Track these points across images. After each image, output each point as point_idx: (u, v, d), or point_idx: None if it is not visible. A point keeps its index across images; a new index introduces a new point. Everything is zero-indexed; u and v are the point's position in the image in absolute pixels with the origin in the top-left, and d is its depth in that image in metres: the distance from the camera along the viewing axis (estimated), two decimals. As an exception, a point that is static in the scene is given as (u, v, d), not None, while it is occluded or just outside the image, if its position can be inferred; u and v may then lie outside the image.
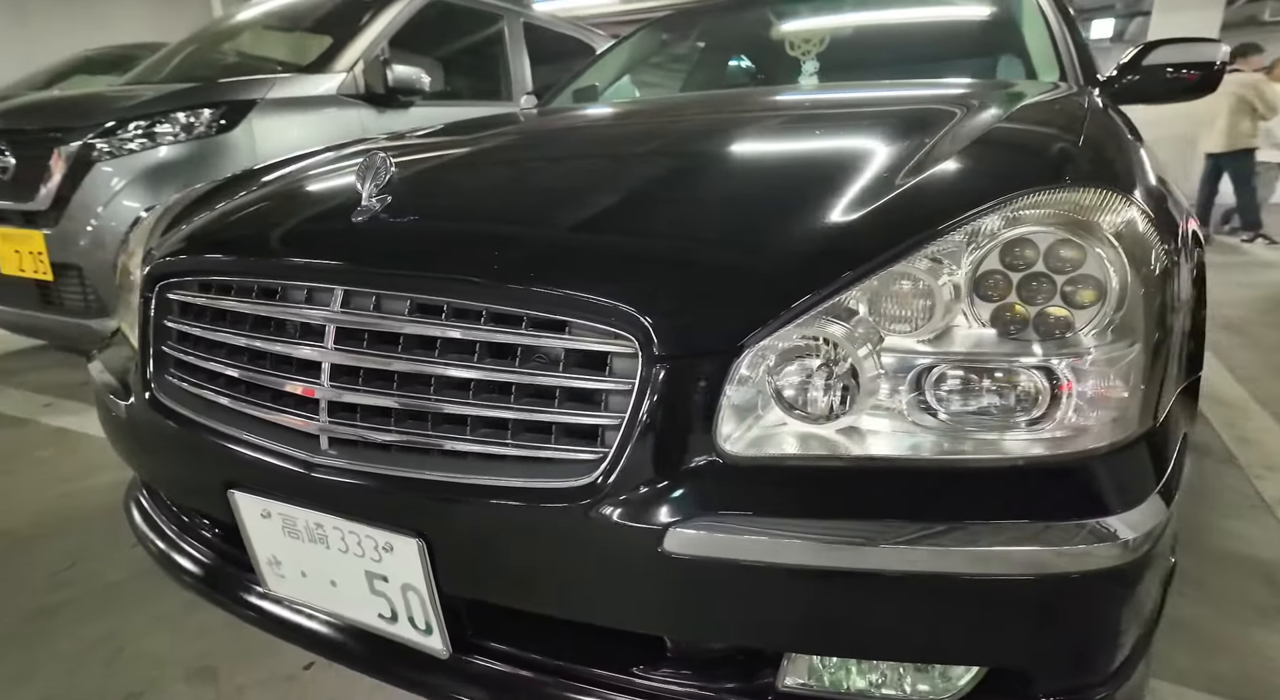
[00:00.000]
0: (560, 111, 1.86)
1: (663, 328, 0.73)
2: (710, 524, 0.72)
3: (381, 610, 0.90)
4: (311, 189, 1.09)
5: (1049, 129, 1.07)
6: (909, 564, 0.69)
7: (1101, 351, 0.74)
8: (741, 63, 2.71)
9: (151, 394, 1.03)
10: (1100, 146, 0.97)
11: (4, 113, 2.68)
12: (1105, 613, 0.73)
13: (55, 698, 1.10)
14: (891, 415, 0.75)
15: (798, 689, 0.80)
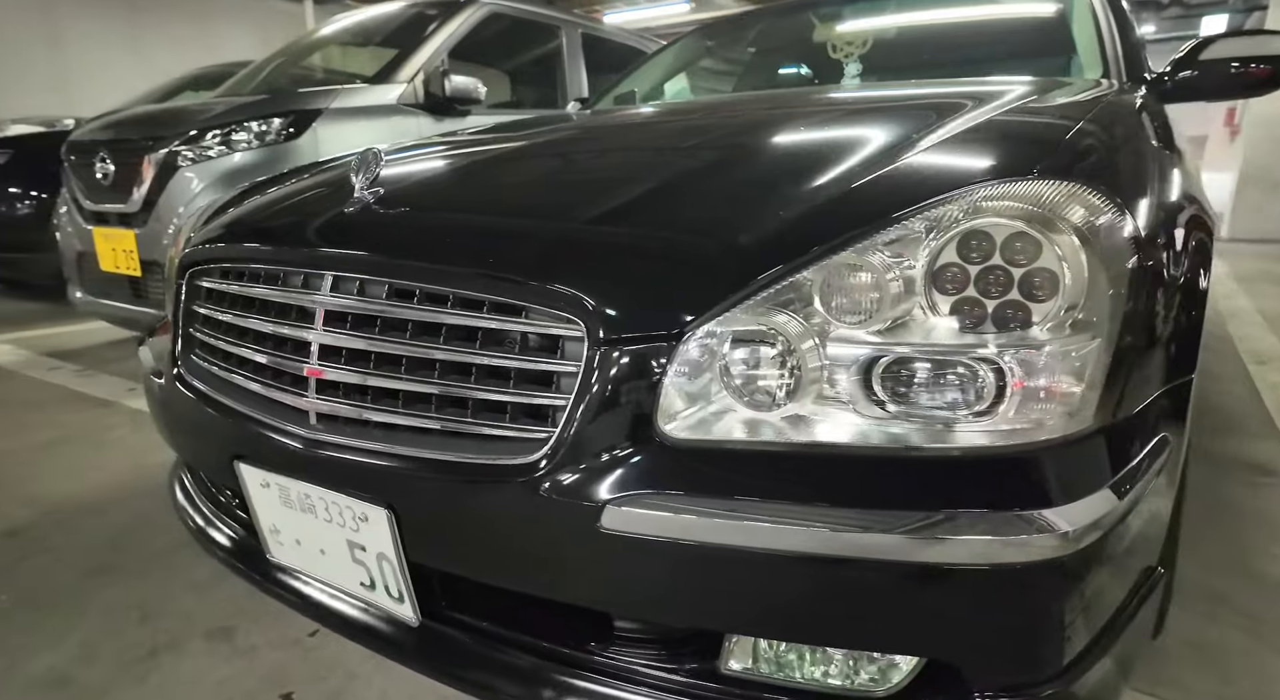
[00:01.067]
0: (560, 118, 1.91)
1: (607, 313, 0.76)
2: (647, 503, 0.74)
3: (362, 578, 0.95)
4: (321, 185, 1.17)
5: (1041, 123, 1.05)
6: (840, 549, 0.70)
7: (1057, 346, 0.72)
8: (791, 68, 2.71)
9: (178, 372, 1.13)
10: (1091, 142, 0.94)
11: (105, 126, 2.95)
12: (1045, 606, 0.71)
13: (92, 644, 1.22)
14: (837, 404, 0.75)
15: (741, 674, 0.81)
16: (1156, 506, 0.87)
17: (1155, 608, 0.92)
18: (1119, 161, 0.92)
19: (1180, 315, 0.87)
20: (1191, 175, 1.39)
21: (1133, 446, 0.78)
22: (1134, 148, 1.00)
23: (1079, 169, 0.84)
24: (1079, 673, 0.76)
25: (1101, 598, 0.79)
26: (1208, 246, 1.00)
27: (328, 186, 1.14)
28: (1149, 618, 0.91)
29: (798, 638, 0.77)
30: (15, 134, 4.22)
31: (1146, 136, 1.11)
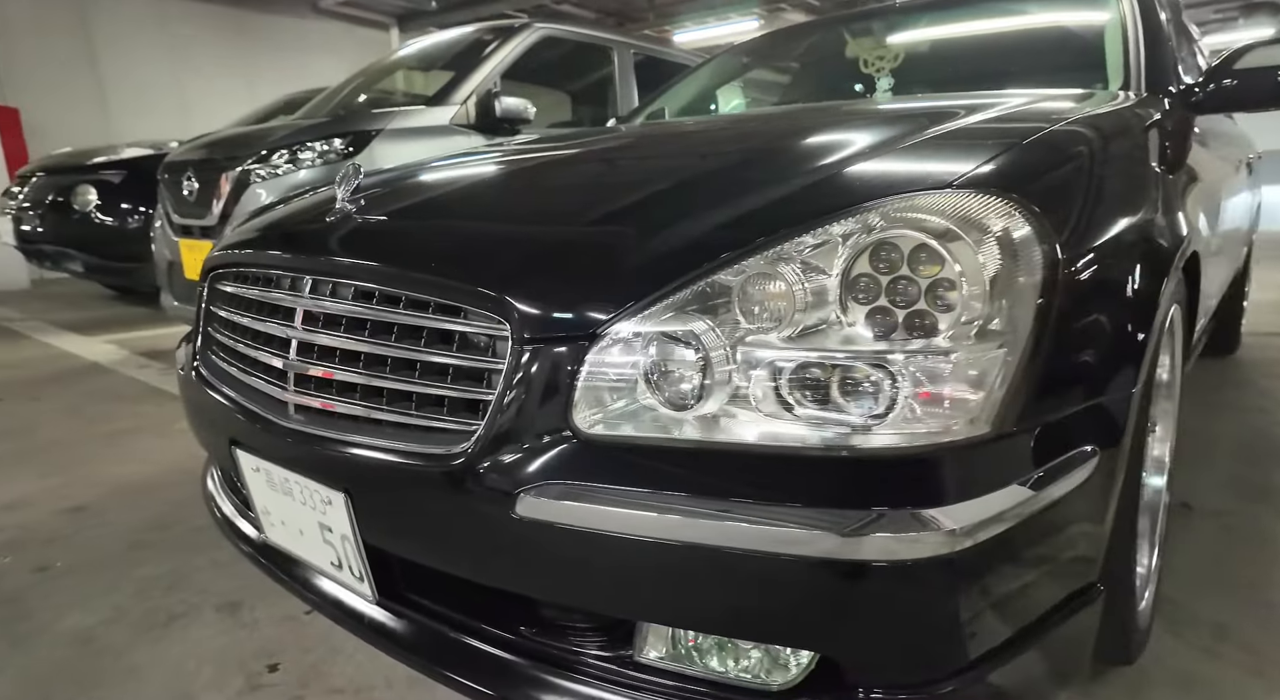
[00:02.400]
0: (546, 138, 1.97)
1: (529, 314, 0.81)
2: (558, 492, 0.79)
3: (331, 558, 1.03)
4: (317, 199, 1.28)
5: (992, 136, 1.04)
6: (733, 542, 0.72)
7: (960, 354, 0.73)
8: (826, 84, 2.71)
9: (197, 367, 1.26)
10: (1028, 156, 0.93)
11: (193, 147, 3.25)
12: (936, 603, 0.72)
13: (121, 608, 1.36)
14: (747, 406, 0.78)
15: (654, 662, 0.84)
16: (1084, 520, 0.85)
17: (1092, 624, 0.89)
18: (1056, 176, 0.91)
19: (1113, 333, 0.86)
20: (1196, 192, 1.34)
21: (1041, 455, 0.77)
22: (1091, 163, 0.98)
23: (1001, 182, 0.84)
24: (980, 676, 0.76)
25: (1011, 602, 0.78)
26: (1163, 267, 0.97)
27: (321, 200, 1.25)
28: (1084, 632, 0.89)
29: (695, 626, 0.80)
30: (128, 156, 4.66)
31: (1123, 152, 1.08)
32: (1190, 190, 1.32)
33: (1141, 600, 1.19)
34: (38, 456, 2.19)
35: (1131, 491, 0.95)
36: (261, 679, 1.16)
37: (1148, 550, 1.28)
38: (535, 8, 8.83)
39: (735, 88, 2.78)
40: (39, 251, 4.83)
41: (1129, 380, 0.88)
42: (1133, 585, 1.01)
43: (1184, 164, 1.39)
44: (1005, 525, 0.72)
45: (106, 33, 7.67)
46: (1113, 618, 0.99)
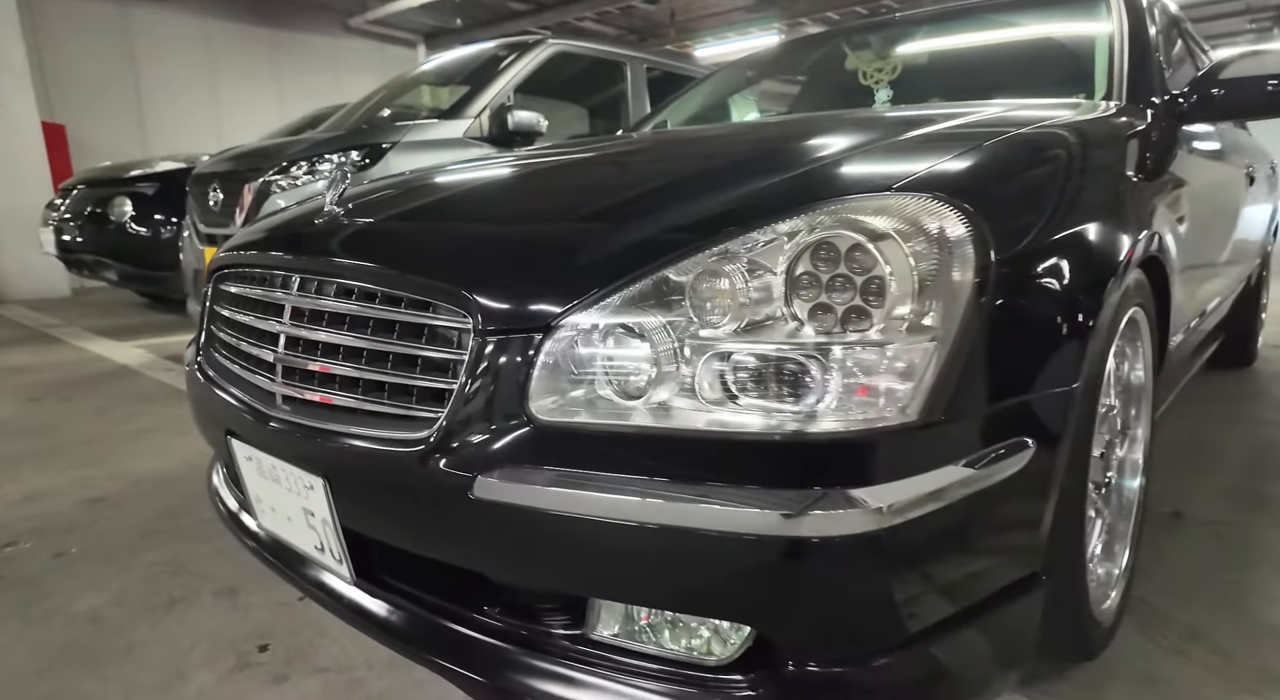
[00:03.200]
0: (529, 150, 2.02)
1: (489, 307, 0.87)
2: (512, 475, 0.83)
3: (314, 541, 1.09)
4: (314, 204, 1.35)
5: (945, 142, 1.08)
6: (671, 519, 0.76)
7: (892, 348, 0.77)
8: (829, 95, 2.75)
9: (199, 363, 1.33)
10: (982, 160, 0.97)
11: (219, 160, 3.38)
12: (864, 579, 0.76)
13: (127, 591, 1.43)
14: (694, 395, 0.82)
15: (607, 639, 0.89)
16: (1020, 510, 0.88)
17: (1035, 612, 0.91)
18: (997, 180, 0.95)
19: (1050, 331, 0.89)
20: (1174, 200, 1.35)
21: (969, 444, 0.80)
22: (1037, 169, 1.01)
23: (939, 185, 0.87)
24: (920, 651, 0.79)
25: (948, 583, 0.82)
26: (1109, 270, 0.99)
27: (313, 206, 1.32)
28: (1026, 620, 0.91)
29: (639, 601, 0.85)
30: (162, 169, 4.85)
31: (1078, 159, 1.10)
32: (1165, 198, 1.33)
33: (1107, 598, 1.21)
34: (65, 452, 2.30)
35: (1077, 488, 0.97)
36: (251, 658, 1.22)
37: (1119, 550, 1.29)
38: (558, 25, 9.01)
39: (749, 100, 2.84)
40: (78, 260, 5.04)
41: (1067, 377, 0.90)
42: (1083, 580, 1.03)
43: (1164, 172, 1.41)
44: (932, 507, 0.76)
45: (147, 53, 7.99)
46: (1064, 611, 1.01)
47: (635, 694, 0.84)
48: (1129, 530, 1.31)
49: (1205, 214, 1.65)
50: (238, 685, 1.16)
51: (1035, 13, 2.20)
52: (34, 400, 2.96)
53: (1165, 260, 1.25)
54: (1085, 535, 1.02)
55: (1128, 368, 1.31)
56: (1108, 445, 1.21)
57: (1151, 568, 1.46)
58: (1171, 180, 1.43)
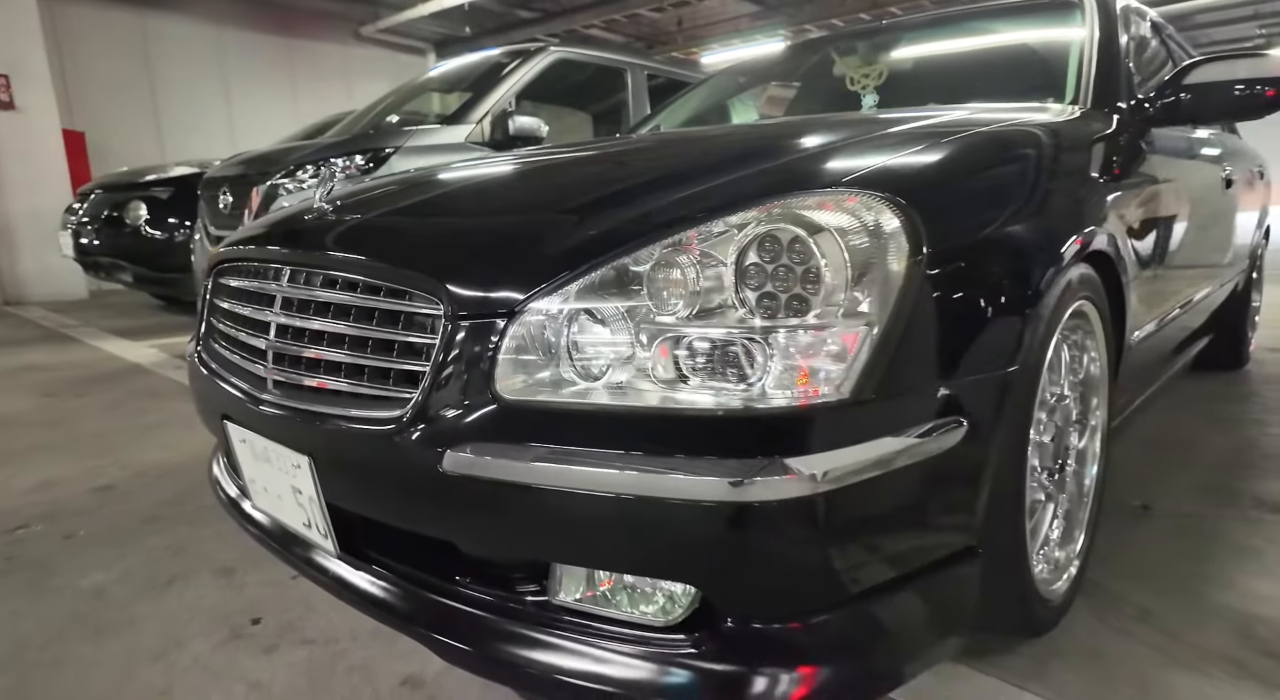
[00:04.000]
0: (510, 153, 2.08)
1: (457, 294, 0.94)
2: (478, 449, 0.90)
3: (303, 519, 1.16)
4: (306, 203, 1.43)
5: (898, 142, 1.14)
6: (627, 488, 0.82)
7: (828, 332, 0.83)
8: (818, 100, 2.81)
9: (198, 353, 1.41)
10: (924, 159, 1.03)
11: (229, 165, 3.49)
12: (799, 541, 0.82)
13: (131, 570, 1.51)
14: (648, 376, 0.88)
15: (570, 604, 0.95)
16: (953, 485, 0.93)
17: (972, 583, 0.97)
18: (936, 177, 1.01)
19: (983, 318, 0.95)
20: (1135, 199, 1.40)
21: (899, 421, 0.86)
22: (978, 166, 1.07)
23: (878, 182, 0.94)
24: (858, 611, 0.86)
25: (883, 550, 0.88)
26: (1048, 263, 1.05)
27: (304, 204, 1.40)
28: (963, 589, 0.97)
29: (589, 563, 0.91)
30: (175, 174, 4.97)
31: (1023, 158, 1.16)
32: (1122, 197, 1.39)
33: (1059, 579, 1.26)
34: (77, 444, 2.39)
35: (1014, 468, 1.02)
36: (244, 630, 1.30)
37: (1075, 535, 1.34)
38: (566, 32, 9.13)
39: (749, 104, 2.90)
40: (95, 263, 5.18)
41: (1000, 362, 0.96)
42: (1025, 557, 1.08)
43: (1124, 173, 1.46)
44: (865, 476, 0.82)
45: (164, 61, 8.18)
46: (1004, 585, 1.06)
47: (592, 652, 0.91)
48: (1085, 517, 1.36)
49: (1172, 215, 1.70)
50: (230, 653, 1.23)
51: (1016, 21, 2.26)
52: (49, 396, 3.06)
53: (1117, 257, 1.30)
54: (1024, 514, 1.07)
55: (1087, 360, 1.37)
56: (1058, 432, 1.26)
57: (1115, 555, 1.50)
58: (1132, 181, 1.48)
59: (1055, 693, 1.09)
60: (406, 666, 1.19)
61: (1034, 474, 1.20)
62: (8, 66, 6.17)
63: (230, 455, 1.43)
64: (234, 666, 1.20)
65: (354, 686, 1.15)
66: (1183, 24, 10.72)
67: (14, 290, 6.44)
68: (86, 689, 1.15)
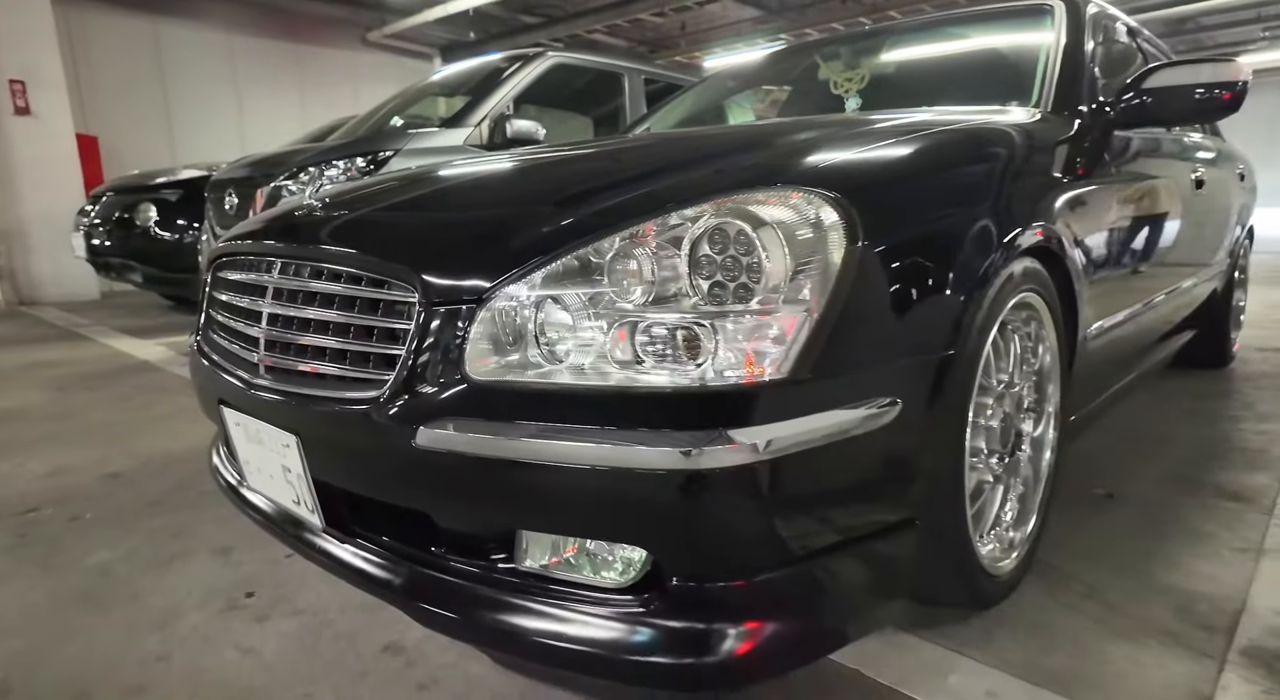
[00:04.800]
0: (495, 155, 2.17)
1: (430, 283, 1.01)
2: (448, 425, 0.98)
3: (291, 496, 1.24)
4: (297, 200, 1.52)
5: (846, 140, 1.21)
6: (583, 459, 0.89)
7: (769, 318, 0.91)
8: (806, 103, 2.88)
9: (198, 343, 1.50)
10: (868, 157, 1.11)
11: (235, 167, 3.59)
12: (741, 506, 0.89)
13: (134, 550, 1.60)
14: (607, 358, 0.96)
15: (537, 570, 1.03)
16: (888, 460, 1.00)
17: (909, 552, 1.04)
18: (877, 174, 1.09)
19: (917, 305, 1.02)
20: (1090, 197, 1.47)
21: (834, 399, 0.93)
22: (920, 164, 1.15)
23: (819, 179, 1.01)
24: (802, 571, 0.94)
25: (822, 517, 0.95)
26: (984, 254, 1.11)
27: (296, 201, 1.48)
28: (901, 557, 1.04)
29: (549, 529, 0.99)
30: (184, 177, 5.09)
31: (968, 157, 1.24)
32: (1073, 196, 1.45)
33: (1008, 557, 1.32)
34: (87, 435, 2.49)
35: (951, 446, 1.09)
36: (238, 602, 1.38)
37: (1027, 517, 1.41)
38: (569, 37, 9.23)
39: (746, 106, 2.98)
40: (106, 264, 5.30)
41: (935, 347, 1.03)
42: (965, 532, 1.15)
43: (1079, 174, 1.53)
44: (800, 448, 0.89)
45: (176, 67, 8.33)
46: (945, 558, 1.13)
47: (556, 614, 0.98)
48: (1036, 500, 1.43)
49: (1131, 215, 1.76)
50: (225, 623, 1.31)
51: (992, 26, 2.33)
52: (61, 390, 3.16)
53: (1065, 253, 1.37)
54: (964, 493, 1.13)
55: (1042, 350, 1.43)
56: (1007, 418, 1.32)
57: (1072, 538, 1.57)
58: (1087, 182, 1.54)
59: (996, 659, 1.15)
60: (389, 635, 1.27)
61: (981, 457, 1.27)
62: (23, 72, 6.31)
63: (228, 441, 1.51)
64: (228, 634, 1.28)
65: (339, 651, 1.22)
66: (1187, 26, 10.73)
67: (28, 291, 6.57)
68: (91, 652, 1.23)
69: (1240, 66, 1.69)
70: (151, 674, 1.17)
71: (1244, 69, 1.70)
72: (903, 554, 1.05)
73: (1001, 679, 1.10)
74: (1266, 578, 1.39)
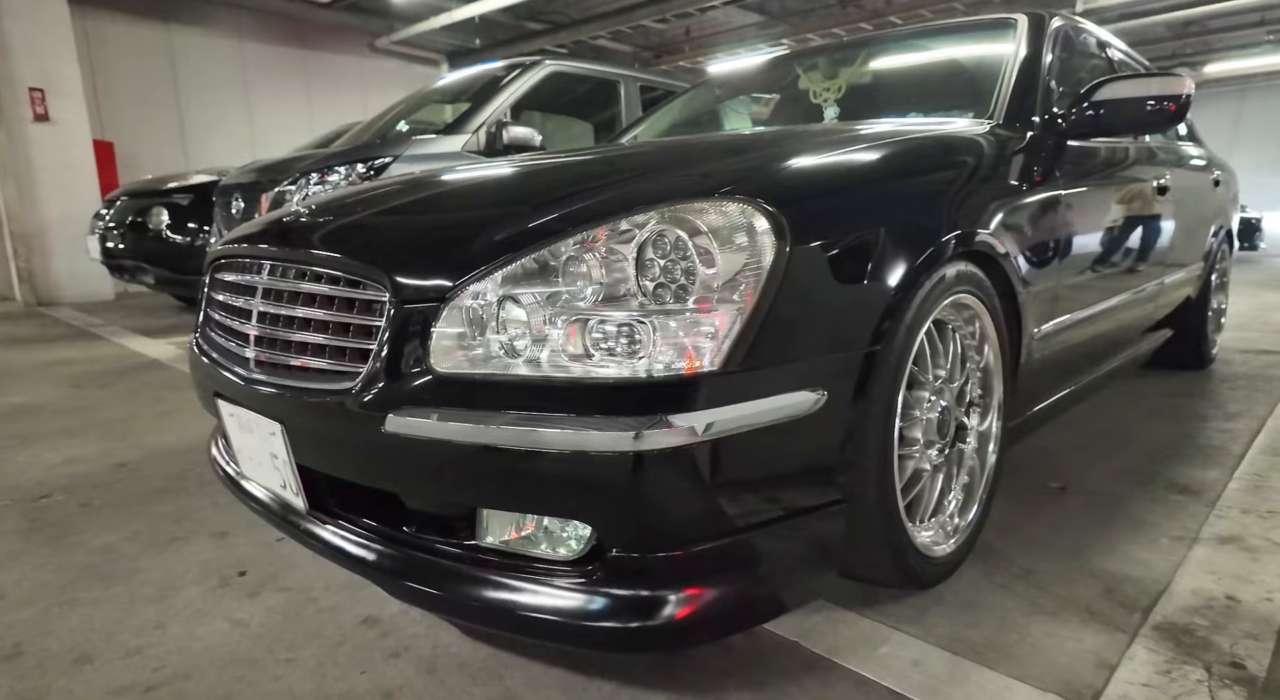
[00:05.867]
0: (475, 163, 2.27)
1: (400, 283, 1.11)
2: (413, 412, 1.08)
3: (279, 481, 1.35)
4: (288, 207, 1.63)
5: (785, 151, 1.31)
6: (536, 443, 0.99)
7: (704, 316, 1.00)
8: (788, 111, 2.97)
9: (196, 340, 1.61)
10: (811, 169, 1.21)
11: (241, 172, 3.72)
12: (680, 481, 0.98)
13: (138, 532, 1.71)
14: (560, 352, 1.05)
15: (496, 545, 1.13)
16: (815, 445, 1.10)
17: (837, 531, 1.13)
18: (810, 184, 1.18)
19: (845, 305, 1.11)
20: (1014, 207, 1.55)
21: (762, 388, 1.02)
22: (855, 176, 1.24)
23: (753, 189, 1.11)
24: (738, 543, 1.03)
25: (754, 495, 1.05)
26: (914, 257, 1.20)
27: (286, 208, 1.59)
28: (830, 535, 1.14)
29: (503, 506, 1.08)
30: (195, 182, 5.24)
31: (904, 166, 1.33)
32: (1015, 203, 1.53)
33: (948, 541, 1.41)
34: (98, 428, 2.61)
35: (877, 435, 1.18)
36: (231, 580, 1.49)
37: (969, 505, 1.50)
38: (574, 43, 9.36)
39: (743, 112, 3.07)
40: (119, 266, 5.45)
41: (859, 343, 1.13)
42: (896, 514, 1.23)
43: (1024, 181, 1.61)
44: (731, 432, 0.98)
45: (189, 73, 8.52)
46: (875, 538, 1.22)
47: (514, 585, 1.08)
48: (978, 490, 1.51)
49: (1084, 221, 1.84)
50: (218, 597, 1.42)
51: (962, 39, 2.42)
52: (76, 387, 3.30)
53: (1004, 258, 1.45)
54: (892, 478, 1.22)
55: (987, 349, 1.52)
56: (945, 411, 1.41)
57: (1020, 526, 1.65)
58: (1032, 189, 1.63)
59: (925, 632, 1.24)
60: (368, 609, 1.37)
61: (918, 446, 1.36)
62: (43, 81, 6.50)
63: (224, 433, 1.62)
64: (220, 607, 1.39)
65: (321, 623, 1.33)
66: (1192, 29, 10.74)
67: (46, 292, 6.75)
68: (94, 621, 1.34)
69: (1184, 80, 1.78)
70: (149, 639, 1.28)
71: (1188, 83, 1.78)
72: (831, 532, 1.14)
73: (926, 649, 1.19)
74: (1195, 563, 1.47)
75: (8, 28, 6.33)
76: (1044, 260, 1.65)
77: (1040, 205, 1.64)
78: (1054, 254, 1.70)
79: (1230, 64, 11.91)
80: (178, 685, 1.16)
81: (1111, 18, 9.01)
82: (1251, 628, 1.24)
